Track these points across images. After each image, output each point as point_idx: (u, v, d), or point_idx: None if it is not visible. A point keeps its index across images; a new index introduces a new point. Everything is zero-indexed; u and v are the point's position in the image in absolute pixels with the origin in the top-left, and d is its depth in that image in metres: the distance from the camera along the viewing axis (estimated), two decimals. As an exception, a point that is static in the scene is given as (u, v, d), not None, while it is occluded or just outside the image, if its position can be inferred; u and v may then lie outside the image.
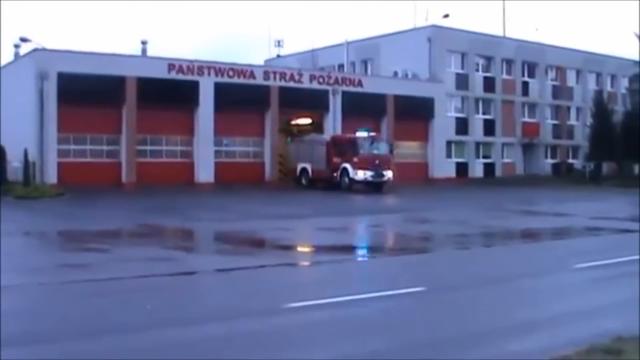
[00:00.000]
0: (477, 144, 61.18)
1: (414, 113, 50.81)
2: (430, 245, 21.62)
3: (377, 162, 42.16)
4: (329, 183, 43.77)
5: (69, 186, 36.41)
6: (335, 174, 43.34)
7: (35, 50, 41.62)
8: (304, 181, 45.30)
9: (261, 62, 64.00)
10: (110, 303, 11.69)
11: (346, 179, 42.67)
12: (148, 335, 9.48)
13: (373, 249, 20.21)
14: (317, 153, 44.71)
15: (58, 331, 9.60)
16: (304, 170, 45.55)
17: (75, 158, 41.01)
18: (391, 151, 44.59)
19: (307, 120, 52.35)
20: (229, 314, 10.87)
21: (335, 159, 43.48)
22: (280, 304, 11.42)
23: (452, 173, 57.53)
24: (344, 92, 49.96)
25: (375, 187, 42.74)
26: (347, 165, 42.47)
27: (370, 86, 51.58)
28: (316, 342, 9.49)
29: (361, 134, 43.72)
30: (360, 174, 41.90)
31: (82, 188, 36.43)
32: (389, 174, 42.85)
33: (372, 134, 45.03)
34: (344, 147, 43.34)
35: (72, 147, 41.19)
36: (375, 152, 42.74)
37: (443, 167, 55.72)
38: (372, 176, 42.02)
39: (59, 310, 11.16)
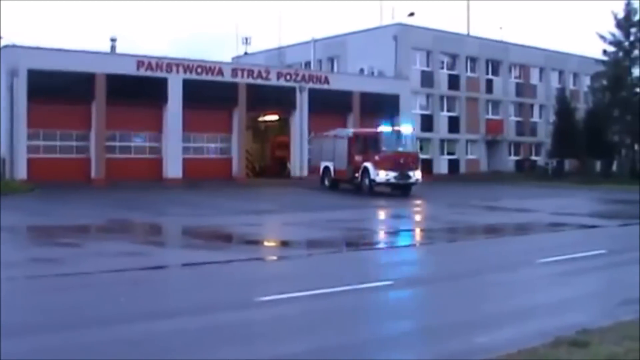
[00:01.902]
0: (442, 141, 61.85)
1: (380, 110, 51.17)
2: (393, 240, 21.96)
3: (402, 160, 37.13)
4: (352, 184, 39.45)
5: (38, 182, 36.54)
6: (357, 175, 38.55)
7: (5, 47, 41.71)
8: (326, 182, 41.65)
9: (229, 60, 64.42)
10: (81, 297, 11.74)
11: (367, 181, 37.61)
12: (119, 329, 9.47)
13: (337, 244, 20.08)
14: (339, 150, 40.72)
15: (28, 325, 9.53)
16: (326, 169, 41.98)
17: (44, 154, 41.10)
18: (421, 148, 41.25)
19: (274, 117, 53.13)
20: (200, 307, 10.88)
21: (357, 158, 39.00)
22: (251, 297, 11.52)
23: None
24: (310, 90, 50.52)
25: (401, 189, 38.12)
26: (369, 165, 37.50)
27: (336, 83, 52.21)
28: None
29: (384, 128, 38.42)
30: (382, 175, 36.77)
31: (52, 184, 36.54)
32: (416, 175, 37.64)
33: (397, 128, 39.60)
34: (365, 144, 38.75)
35: (42, 143, 41.26)
36: (401, 149, 37.78)
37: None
38: (395, 177, 36.89)
39: (29, 304, 11.25)
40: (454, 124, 62.75)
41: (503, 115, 67.47)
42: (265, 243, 20.52)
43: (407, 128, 39.34)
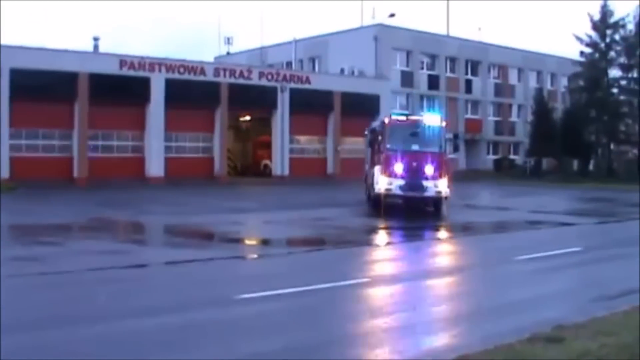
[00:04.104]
0: (422, 140, 62.01)
1: (361, 110, 51.47)
2: (371, 238, 21.89)
3: (414, 164, 26.70)
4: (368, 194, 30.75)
5: (21, 181, 36.54)
6: (370, 182, 29.79)
7: (-13, 46, 41.82)
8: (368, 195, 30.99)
9: (211, 60, 64.54)
10: (63, 295, 11.78)
11: (373, 191, 28.27)
12: (100, 327, 9.47)
13: (317, 242, 20.22)
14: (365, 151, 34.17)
15: (9, 323, 9.36)
16: (366, 177, 32.58)
17: (27, 153, 41.12)
18: (456, 147, 33.52)
19: (247, 117, 53.68)
20: (181, 305, 10.92)
21: (366, 159, 33.07)
22: (231, 295, 11.58)
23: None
24: (292, 89, 50.77)
25: (426, 204, 28.33)
26: (376, 170, 28.12)
27: (318, 83, 52.53)
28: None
29: (397, 117, 29.27)
30: (382, 183, 26.65)
31: (34, 183, 36.54)
32: (438, 186, 26.56)
33: (415, 117, 30.75)
34: (374, 140, 30.42)
35: (24, 142, 41.28)
36: (416, 147, 27.14)
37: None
38: (401, 188, 26.58)
39: (11, 302, 10.94)
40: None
41: (482, 115, 68.15)
42: (246, 241, 20.58)
43: (431, 118, 28.77)
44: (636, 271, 13.62)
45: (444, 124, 28.24)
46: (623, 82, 62.09)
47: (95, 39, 47.18)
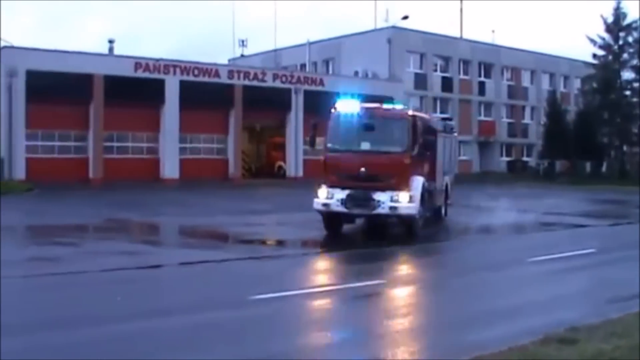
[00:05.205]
0: (435, 142, 62.00)
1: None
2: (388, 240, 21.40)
3: (362, 170, 19.41)
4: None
5: (37, 182, 36.75)
6: None
7: (4, 48, 42.12)
8: None
9: (225, 62, 64.67)
10: (78, 296, 11.79)
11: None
12: (115, 327, 9.50)
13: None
14: None
15: (26, 324, 9.51)
16: None
17: (43, 154, 41.50)
18: (427, 145, 21.09)
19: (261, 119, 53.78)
20: (195, 305, 10.98)
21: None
22: (245, 295, 11.55)
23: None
24: (306, 91, 50.93)
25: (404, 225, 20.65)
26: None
27: (331, 85, 52.26)
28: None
29: (345, 104, 21.11)
30: (322, 197, 19.83)
31: (50, 184, 36.67)
32: (400, 200, 19.37)
33: (373, 105, 21.68)
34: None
35: (40, 143, 41.66)
36: (367, 147, 19.96)
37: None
38: (344, 203, 19.52)
39: (28, 303, 11.27)
40: (446, 126, 62.96)
41: (495, 117, 68.08)
42: (261, 242, 20.43)
43: (393, 106, 21.31)
44: (650, 273, 13.57)
45: (412, 113, 20.62)
46: (636, 84, 62.15)
47: (111, 42, 47.70)
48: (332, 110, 21.05)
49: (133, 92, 43.24)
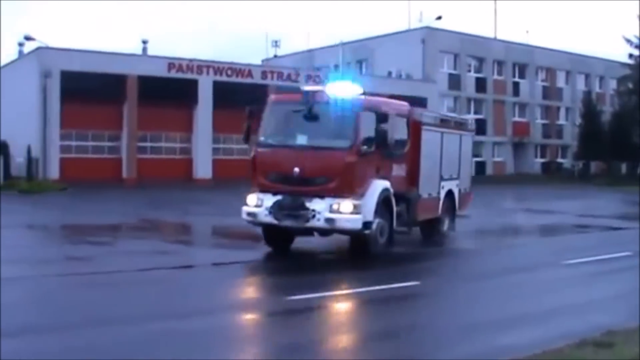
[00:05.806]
0: (469, 143, 61.74)
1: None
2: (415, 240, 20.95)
3: (297, 170, 15.30)
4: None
5: (71, 182, 36.94)
6: None
7: (39, 48, 42.41)
8: None
9: (259, 62, 64.80)
10: (113, 295, 11.83)
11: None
12: (149, 327, 9.52)
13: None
14: None
15: (59, 323, 9.58)
16: None
17: (77, 154, 41.81)
18: (382, 138, 15.69)
19: None
20: (227, 306, 11.08)
21: None
22: (281, 296, 11.64)
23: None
24: (338, 92, 50.66)
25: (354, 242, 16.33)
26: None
27: (364, 86, 52.17)
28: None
29: (281, 91, 20.60)
30: (250, 204, 16.17)
31: (84, 184, 36.96)
32: (341, 209, 15.02)
33: (318, 88, 16.93)
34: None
35: (74, 143, 41.98)
36: (303, 141, 15.91)
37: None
38: (272, 212, 15.58)
39: (62, 302, 11.28)
40: (480, 127, 62.48)
41: (529, 118, 67.58)
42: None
43: (338, 90, 16.10)
44: (688, 277, 13.34)
45: (362, 98, 16.18)
46: (673, 85, 61.23)
47: (144, 42, 47.80)
48: (270, 97, 17.67)
49: (166, 92, 43.32)
